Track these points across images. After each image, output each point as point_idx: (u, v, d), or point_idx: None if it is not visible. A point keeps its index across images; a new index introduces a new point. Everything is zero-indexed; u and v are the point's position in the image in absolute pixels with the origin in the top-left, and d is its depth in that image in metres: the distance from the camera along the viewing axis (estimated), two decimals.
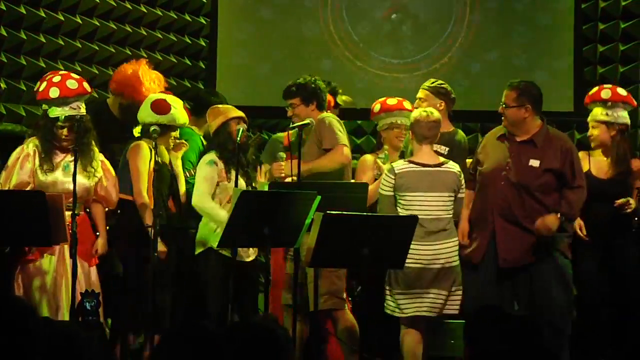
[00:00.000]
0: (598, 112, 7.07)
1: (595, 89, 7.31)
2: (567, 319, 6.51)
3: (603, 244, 6.92)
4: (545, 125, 6.60)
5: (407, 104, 7.31)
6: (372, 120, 7.51)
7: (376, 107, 7.38)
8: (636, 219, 6.97)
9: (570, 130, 8.84)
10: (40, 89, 6.35)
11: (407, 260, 6.13)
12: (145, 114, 6.65)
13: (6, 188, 6.28)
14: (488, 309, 4.13)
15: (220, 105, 6.92)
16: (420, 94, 7.22)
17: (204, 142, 7.09)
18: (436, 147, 6.72)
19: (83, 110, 6.37)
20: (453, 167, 6.54)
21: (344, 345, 6.76)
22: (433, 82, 7.26)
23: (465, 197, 6.65)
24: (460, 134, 7.25)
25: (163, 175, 6.59)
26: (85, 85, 6.42)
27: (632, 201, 6.91)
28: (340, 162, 6.79)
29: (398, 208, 6.42)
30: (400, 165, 6.50)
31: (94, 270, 6.43)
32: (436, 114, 6.56)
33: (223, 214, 6.39)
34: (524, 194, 6.48)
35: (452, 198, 6.48)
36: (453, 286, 6.42)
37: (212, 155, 6.65)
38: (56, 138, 6.33)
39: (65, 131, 6.31)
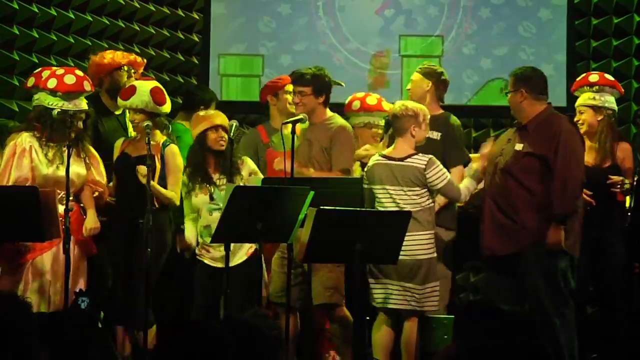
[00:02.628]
0: (586, 97, 7.11)
1: (583, 75, 7.36)
2: (560, 312, 6.47)
3: (591, 235, 6.88)
4: (545, 111, 6.58)
5: (385, 105, 7.30)
6: (346, 114, 7.39)
7: (355, 104, 7.35)
8: (629, 214, 6.96)
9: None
10: (70, 82, 6.43)
11: None
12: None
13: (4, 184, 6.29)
14: (478, 303, 4.14)
15: (202, 113, 6.85)
16: (413, 76, 7.24)
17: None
18: (429, 133, 6.75)
19: (83, 106, 6.43)
20: (418, 161, 6.51)
21: (337, 341, 6.78)
22: (425, 64, 7.30)
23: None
24: (454, 117, 7.19)
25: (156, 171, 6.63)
26: (86, 83, 6.48)
27: (627, 181, 6.91)
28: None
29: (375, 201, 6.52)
30: (373, 159, 6.60)
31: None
32: (411, 105, 6.58)
33: (187, 233, 6.60)
34: (509, 179, 6.49)
35: (418, 192, 6.47)
36: (427, 282, 6.43)
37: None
38: (64, 134, 6.34)
39: (80, 123, 6.38)
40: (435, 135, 6.95)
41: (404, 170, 6.49)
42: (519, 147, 6.52)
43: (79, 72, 6.58)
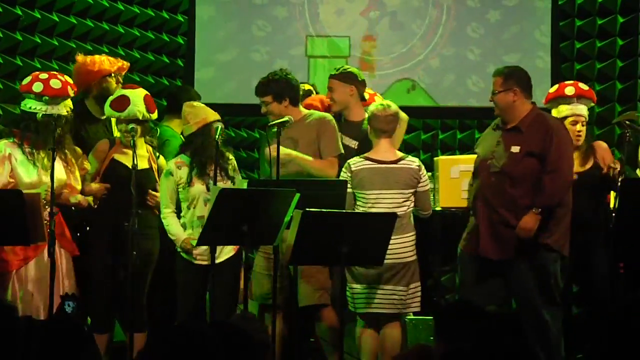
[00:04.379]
0: (582, 109, 7.10)
1: (555, 87, 7.34)
2: (549, 314, 6.47)
3: (579, 239, 6.92)
4: (534, 109, 6.55)
5: (378, 99, 7.32)
6: None
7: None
8: (614, 215, 6.99)
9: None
10: (56, 86, 6.42)
11: None
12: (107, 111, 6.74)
13: None
14: (461, 304, 4.14)
15: (195, 103, 6.86)
16: (328, 83, 7.16)
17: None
18: (346, 140, 6.77)
19: (63, 111, 6.42)
20: (411, 162, 6.55)
21: (324, 343, 6.77)
22: (338, 69, 7.18)
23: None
24: (365, 123, 7.02)
25: (148, 176, 6.65)
26: (69, 88, 6.49)
27: (617, 163, 6.94)
28: (328, 175, 6.75)
29: (357, 205, 6.46)
30: (355, 162, 6.53)
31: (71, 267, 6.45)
32: (393, 107, 6.58)
33: (174, 230, 6.58)
34: (506, 182, 6.45)
35: (408, 195, 6.48)
36: (411, 283, 6.45)
37: (171, 164, 6.69)
38: (48, 139, 6.33)
39: (60, 129, 6.35)
40: (354, 144, 6.97)
41: (399, 174, 6.49)
42: (515, 149, 6.47)
43: (62, 77, 6.58)
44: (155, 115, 6.84)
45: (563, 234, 6.51)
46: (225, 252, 6.58)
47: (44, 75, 6.55)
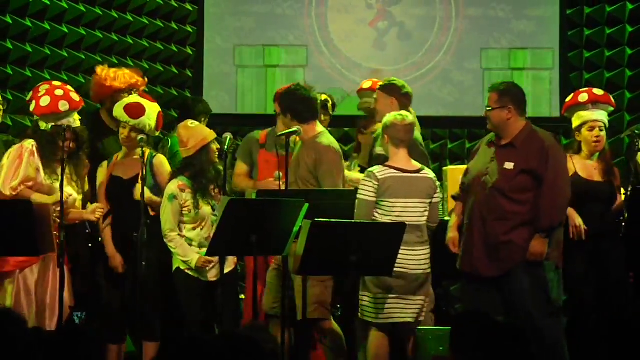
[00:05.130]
0: (600, 115, 7.07)
1: (571, 96, 7.32)
2: (549, 325, 6.43)
3: (592, 247, 6.91)
4: (528, 126, 6.50)
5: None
6: (357, 94, 7.64)
7: (366, 84, 7.59)
8: (624, 224, 6.98)
9: (557, 137, 8.87)
10: (45, 104, 6.37)
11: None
12: (117, 113, 6.69)
13: (9, 184, 6.31)
14: (474, 315, 4.13)
15: (191, 124, 6.72)
16: (375, 94, 7.23)
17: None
18: (379, 150, 6.78)
19: (77, 123, 6.44)
20: (429, 173, 6.57)
21: (330, 354, 6.75)
22: (385, 80, 7.24)
23: (456, 206, 6.65)
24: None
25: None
26: (62, 103, 6.48)
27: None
28: None
29: (376, 214, 6.44)
30: (380, 170, 6.47)
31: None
32: (410, 117, 6.57)
33: (185, 252, 6.53)
34: (501, 198, 6.41)
35: (428, 204, 6.50)
36: (429, 293, 6.50)
37: (173, 187, 6.58)
38: (56, 150, 6.34)
39: (69, 142, 6.35)
40: None
41: (422, 183, 6.49)
42: (509, 165, 6.42)
43: (59, 92, 6.48)
44: (158, 133, 6.84)
45: (556, 245, 6.47)
46: (228, 264, 6.57)
47: (40, 92, 6.49)
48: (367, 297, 6.43)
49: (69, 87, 6.62)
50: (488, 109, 6.54)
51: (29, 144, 6.42)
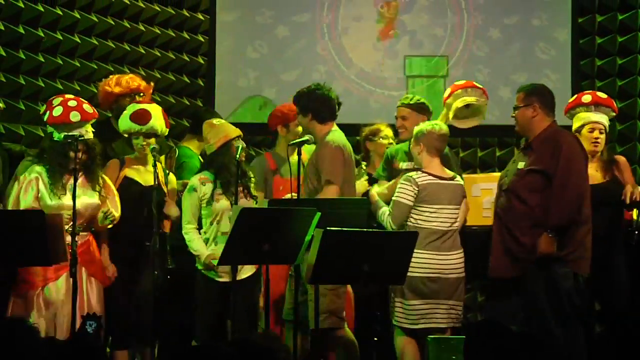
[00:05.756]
0: (600, 117, 7.06)
1: (574, 96, 7.32)
2: (565, 333, 6.39)
3: (598, 253, 6.86)
4: (551, 126, 6.50)
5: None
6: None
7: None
8: (637, 232, 6.95)
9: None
10: (57, 114, 6.38)
11: (428, 271, 6.42)
12: (124, 123, 6.71)
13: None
14: (488, 324, 4.12)
15: (216, 121, 6.80)
16: (402, 112, 7.08)
17: (202, 162, 7.07)
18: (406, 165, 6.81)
19: (90, 135, 6.44)
20: (460, 180, 6.73)
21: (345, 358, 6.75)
22: (411, 99, 7.12)
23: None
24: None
25: (160, 192, 6.65)
26: (73, 114, 6.47)
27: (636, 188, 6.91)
28: None
29: (411, 219, 6.52)
30: (419, 176, 6.57)
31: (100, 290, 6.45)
32: (445, 127, 6.67)
33: (197, 246, 6.53)
34: (514, 200, 6.45)
35: (459, 210, 6.66)
36: (462, 298, 6.61)
37: (195, 180, 6.64)
38: (67, 160, 6.34)
39: (80, 153, 6.35)
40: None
41: (456, 190, 6.65)
42: (521, 165, 6.49)
43: (72, 103, 6.47)
44: (167, 131, 6.84)
45: (578, 248, 6.43)
46: (246, 271, 6.58)
47: (56, 102, 6.49)
48: (401, 303, 6.46)
49: (83, 99, 6.62)
50: (515, 108, 6.59)
51: (33, 174, 6.39)
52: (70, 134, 6.33)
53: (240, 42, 9.21)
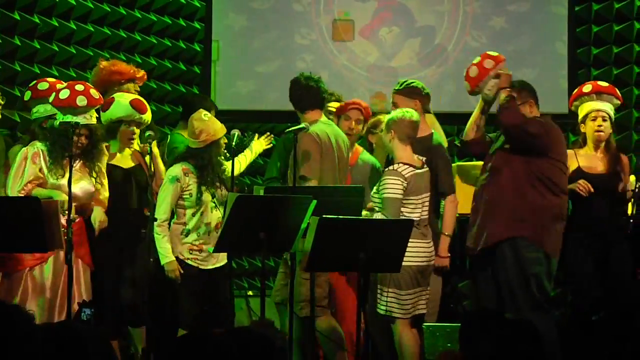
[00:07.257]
0: (603, 105, 7.05)
1: (576, 90, 7.32)
2: (536, 318, 6.40)
3: (600, 242, 6.88)
4: (541, 117, 6.60)
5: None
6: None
7: None
8: (632, 221, 6.97)
9: (565, 133, 8.85)
10: (64, 97, 6.36)
11: (417, 259, 6.37)
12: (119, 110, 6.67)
13: (16, 188, 6.32)
14: (483, 312, 4.14)
15: (204, 115, 6.65)
16: (394, 99, 6.92)
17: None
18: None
19: (94, 120, 6.43)
20: (426, 166, 6.62)
21: (325, 349, 6.75)
22: (402, 84, 6.94)
23: None
24: (436, 136, 6.96)
25: (143, 174, 6.69)
26: (80, 98, 6.45)
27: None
28: None
29: (404, 212, 6.50)
30: (404, 168, 6.45)
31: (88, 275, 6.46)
32: (416, 115, 6.55)
33: (166, 248, 6.44)
34: (489, 177, 6.56)
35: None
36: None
37: (177, 170, 6.54)
38: (68, 144, 6.33)
39: (82, 138, 6.34)
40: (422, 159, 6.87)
41: (428, 177, 6.58)
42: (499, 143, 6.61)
43: (79, 87, 6.43)
44: (147, 117, 6.78)
45: (542, 227, 6.44)
46: (221, 259, 6.59)
47: (60, 85, 6.54)
48: (385, 292, 6.44)
49: (77, 86, 6.59)
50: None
51: (35, 147, 6.40)
52: (65, 120, 6.32)
53: (236, 29, 9.19)
